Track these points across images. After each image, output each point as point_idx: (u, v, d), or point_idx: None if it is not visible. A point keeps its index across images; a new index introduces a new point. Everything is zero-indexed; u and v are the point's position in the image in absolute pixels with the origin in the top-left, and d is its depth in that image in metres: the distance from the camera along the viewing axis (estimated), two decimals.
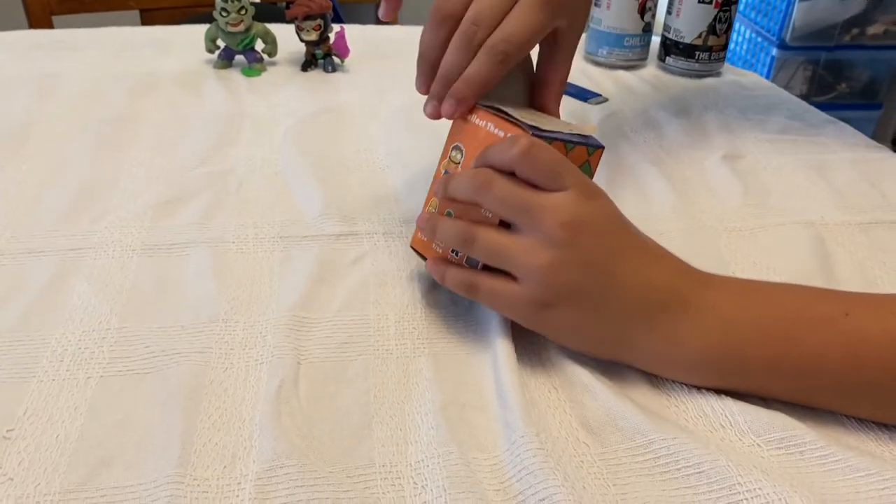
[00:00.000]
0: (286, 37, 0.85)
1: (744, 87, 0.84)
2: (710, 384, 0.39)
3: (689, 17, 0.82)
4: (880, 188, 0.62)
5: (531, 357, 0.42)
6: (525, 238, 0.39)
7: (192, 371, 0.40)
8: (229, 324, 0.44)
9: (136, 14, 1.32)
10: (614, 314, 0.39)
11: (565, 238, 0.38)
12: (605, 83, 0.83)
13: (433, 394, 0.39)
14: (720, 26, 0.82)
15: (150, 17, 1.31)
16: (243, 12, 0.79)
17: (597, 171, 0.44)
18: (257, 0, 0.88)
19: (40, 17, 1.24)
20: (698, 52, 0.83)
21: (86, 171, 0.60)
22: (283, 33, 0.86)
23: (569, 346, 0.41)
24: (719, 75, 0.87)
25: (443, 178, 0.43)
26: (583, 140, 0.43)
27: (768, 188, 0.61)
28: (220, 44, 0.82)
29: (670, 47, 0.85)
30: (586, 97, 0.78)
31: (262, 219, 0.54)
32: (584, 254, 0.38)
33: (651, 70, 0.88)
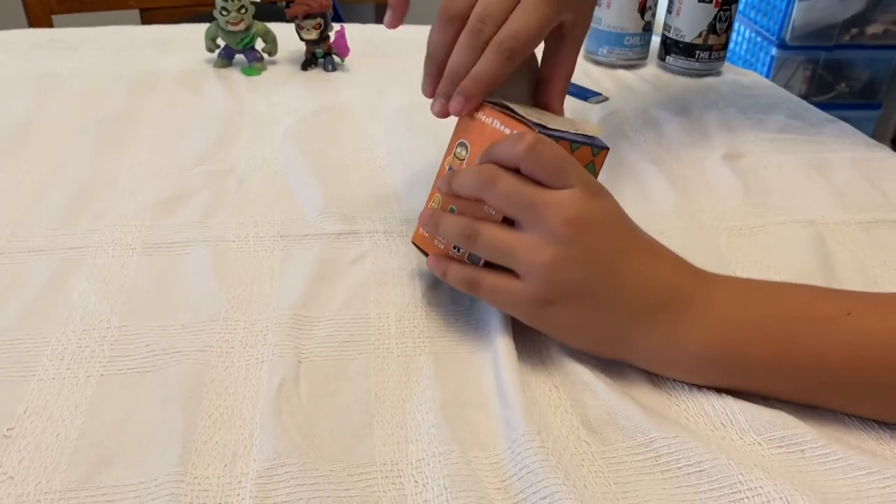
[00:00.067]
0: (286, 36, 0.85)
1: (744, 86, 0.84)
2: (711, 383, 0.39)
3: (689, 17, 0.82)
4: (880, 187, 0.62)
5: (532, 355, 0.42)
6: (528, 235, 0.39)
7: (193, 370, 0.40)
8: (230, 322, 0.44)
9: (136, 13, 1.32)
10: (616, 312, 0.39)
11: (569, 235, 0.38)
12: (606, 82, 0.83)
13: (434, 392, 0.39)
14: (720, 25, 0.82)
15: (150, 17, 1.30)
16: (243, 11, 0.79)
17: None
18: None
19: (40, 17, 1.24)
20: (698, 52, 0.83)
21: (86, 170, 0.60)
22: (283, 32, 0.86)
23: (570, 345, 0.41)
24: (719, 74, 0.87)
25: (447, 174, 0.43)
26: (588, 140, 0.43)
27: (768, 187, 0.61)
28: (221, 43, 0.82)
29: (670, 46, 0.85)
30: (586, 96, 0.78)
31: (262, 217, 0.54)
32: (588, 251, 0.38)
33: (651, 69, 0.88)
